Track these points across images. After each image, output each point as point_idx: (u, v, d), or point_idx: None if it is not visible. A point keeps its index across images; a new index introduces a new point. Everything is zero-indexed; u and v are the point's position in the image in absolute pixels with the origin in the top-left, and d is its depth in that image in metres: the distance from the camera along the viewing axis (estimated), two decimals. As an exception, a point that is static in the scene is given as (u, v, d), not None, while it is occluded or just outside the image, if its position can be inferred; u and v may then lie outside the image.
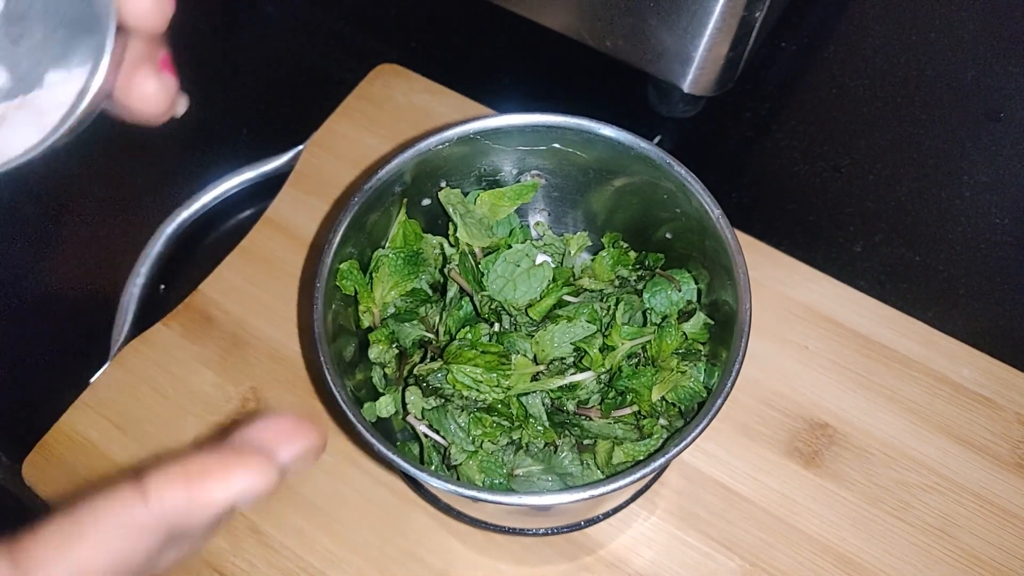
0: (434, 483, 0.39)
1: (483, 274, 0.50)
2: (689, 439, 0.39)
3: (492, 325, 0.49)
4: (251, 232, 0.67)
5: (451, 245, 0.52)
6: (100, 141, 0.78)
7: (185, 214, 0.68)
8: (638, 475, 0.38)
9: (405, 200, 0.50)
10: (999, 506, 0.56)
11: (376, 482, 0.57)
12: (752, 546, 0.55)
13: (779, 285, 0.64)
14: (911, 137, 0.73)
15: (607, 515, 0.51)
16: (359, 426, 0.40)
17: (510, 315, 0.49)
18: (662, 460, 0.38)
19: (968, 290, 0.66)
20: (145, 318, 0.64)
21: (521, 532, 0.51)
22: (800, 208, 0.70)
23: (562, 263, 0.53)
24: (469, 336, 0.47)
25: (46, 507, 0.58)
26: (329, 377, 0.41)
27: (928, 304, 0.64)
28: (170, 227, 0.67)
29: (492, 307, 0.49)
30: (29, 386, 0.64)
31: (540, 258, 0.51)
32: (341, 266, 0.46)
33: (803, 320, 0.62)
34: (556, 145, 0.49)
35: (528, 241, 0.52)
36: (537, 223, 0.56)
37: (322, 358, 0.42)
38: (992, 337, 0.62)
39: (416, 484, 0.54)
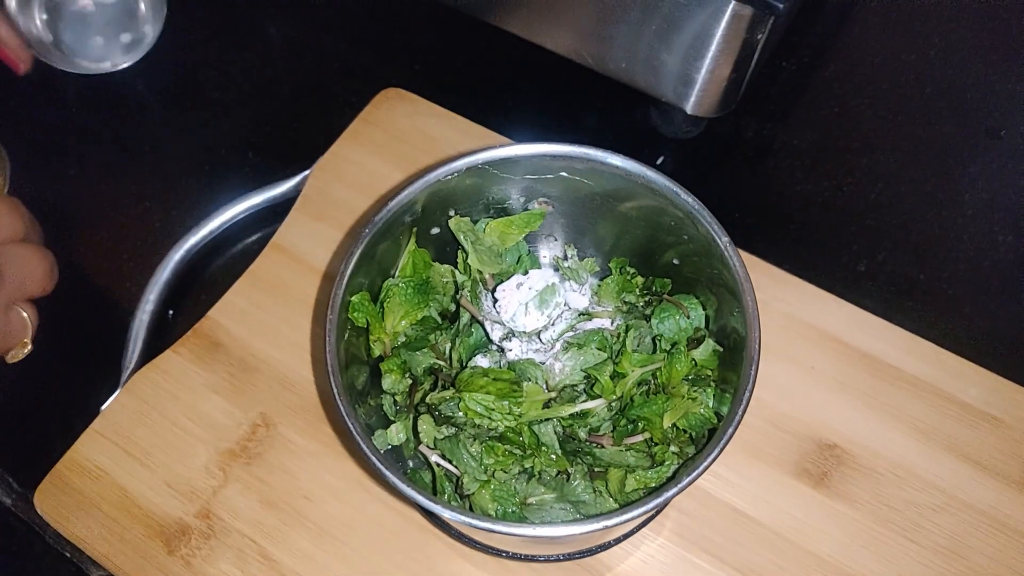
0: (447, 515, 0.39)
1: (495, 300, 0.50)
2: (701, 468, 0.39)
3: (503, 352, 0.49)
4: (259, 257, 0.67)
5: (461, 272, 0.52)
6: (106, 169, 0.79)
7: (193, 240, 0.68)
8: (651, 505, 0.39)
9: (415, 229, 0.50)
10: (1010, 526, 0.56)
11: (387, 508, 0.57)
12: (762, 568, 0.55)
13: (784, 305, 0.64)
14: (912, 155, 0.74)
15: (619, 541, 0.52)
16: (372, 458, 0.40)
17: (521, 342, 0.49)
18: (675, 490, 0.39)
19: (973, 308, 0.66)
20: (155, 344, 0.65)
21: (533, 559, 0.51)
22: (804, 227, 0.71)
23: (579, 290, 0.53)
24: (481, 364, 0.47)
25: (58, 536, 0.58)
26: (342, 408, 0.41)
27: (934, 322, 0.65)
28: (178, 253, 0.68)
29: (503, 334, 0.50)
30: (40, 414, 0.64)
31: (551, 281, 0.51)
32: (353, 298, 0.46)
33: (809, 340, 0.63)
34: (564, 174, 0.49)
35: (541, 268, 0.52)
36: (556, 257, 0.56)
37: (335, 389, 0.42)
38: (998, 355, 0.62)
39: (428, 511, 0.54)
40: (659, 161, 0.74)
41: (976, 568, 0.55)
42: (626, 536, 0.52)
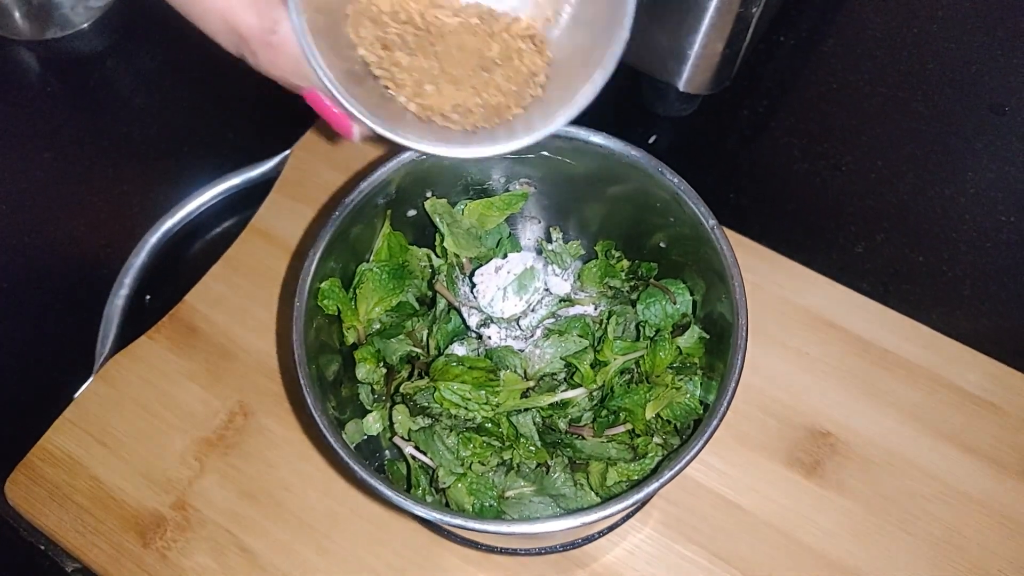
0: (418, 511, 0.37)
1: (473, 285, 0.48)
2: (683, 462, 0.37)
3: (481, 340, 0.48)
4: (237, 241, 0.65)
5: (438, 256, 0.50)
6: (81, 150, 0.77)
7: (169, 223, 0.67)
8: (631, 500, 0.37)
9: (389, 212, 0.48)
10: (1007, 516, 0.54)
11: (367, 498, 0.56)
12: (753, 560, 0.54)
13: (778, 289, 0.62)
14: (913, 133, 0.71)
15: (603, 533, 0.50)
16: (340, 452, 0.38)
17: (500, 328, 0.48)
18: (656, 485, 0.37)
19: (973, 291, 0.64)
20: (130, 330, 0.63)
21: (514, 552, 0.50)
22: (800, 208, 0.69)
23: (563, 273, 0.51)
24: (456, 352, 0.45)
25: (32, 528, 0.57)
26: (310, 401, 0.40)
27: (932, 306, 0.63)
28: (154, 236, 0.66)
29: (481, 320, 0.48)
30: (11, 402, 0.63)
31: (530, 264, 0.49)
32: (322, 285, 0.44)
33: (803, 325, 0.61)
34: (545, 153, 0.47)
35: (522, 251, 0.50)
36: (540, 239, 0.54)
37: (302, 380, 0.40)
38: (998, 340, 0.60)
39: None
40: (651, 140, 0.71)
41: (972, 558, 0.53)
42: (611, 529, 0.51)
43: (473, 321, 0.48)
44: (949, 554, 0.53)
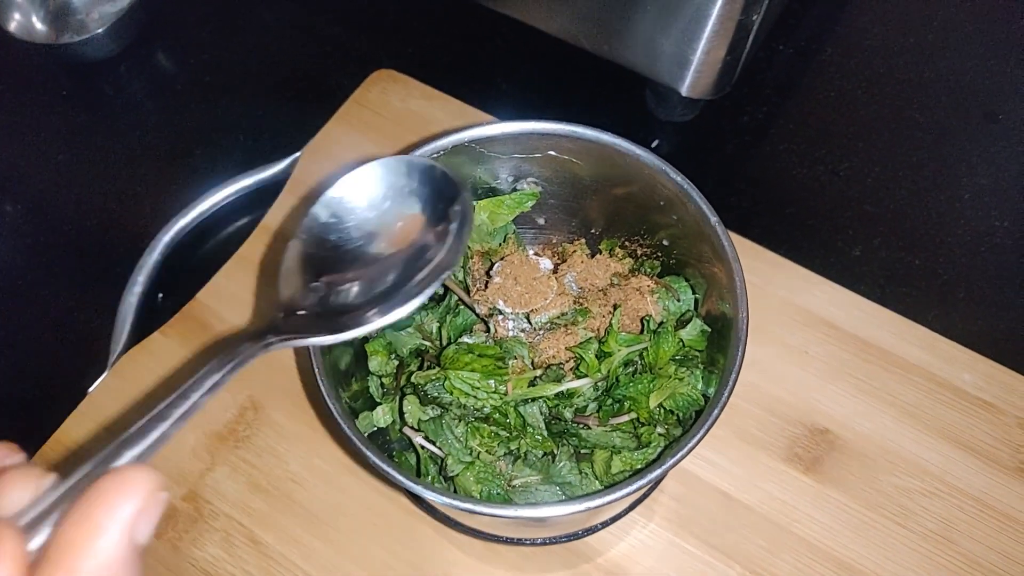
0: (429, 496, 0.38)
1: (489, 279, 0.50)
2: (686, 449, 0.39)
3: (489, 332, 0.49)
4: (248, 240, 0.67)
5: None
6: (95, 152, 0.79)
7: (182, 223, 0.68)
8: (635, 486, 0.38)
9: (400, 209, 0.50)
10: (1000, 511, 0.55)
11: (375, 491, 0.57)
12: (752, 554, 0.55)
13: (778, 289, 0.63)
14: (910, 140, 0.73)
15: (606, 524, 0.51)
16: (354, 439, 0.39)
17: (507, 320, 0.49)
18: (659, 471, 0.38)
19: (968, 293, 0.65)
20: (143, 327, 0.64)
21: (519, 542, 0.51)
22: (799, 212, 0.70)
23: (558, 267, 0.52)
24: (467, 341, 0.47)
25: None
26: (324, 389, 0.41)
27: (928, 308, 0.64)
28: (167, 236, 0.67)
29: (490, 310, 0.49)
30: (27, 396, 0.64)
31: (544, 264, 0.51)
32: (335, 277, 0.45)
33: (802, 325, 0.62)
34: (551, 152, 0.49)
35: (526, 248, 0.51)
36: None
37: (316, 369, 0.41)
38: (993, 341, 0.62)
39: (414, 495, 0.54)
40: (654, 144, 0.73)
41: (966, 553, 0.54)
42: (614, 519, 0.52)
43: (481, 309, 0.49)
44: (944, 548, 0.55)
